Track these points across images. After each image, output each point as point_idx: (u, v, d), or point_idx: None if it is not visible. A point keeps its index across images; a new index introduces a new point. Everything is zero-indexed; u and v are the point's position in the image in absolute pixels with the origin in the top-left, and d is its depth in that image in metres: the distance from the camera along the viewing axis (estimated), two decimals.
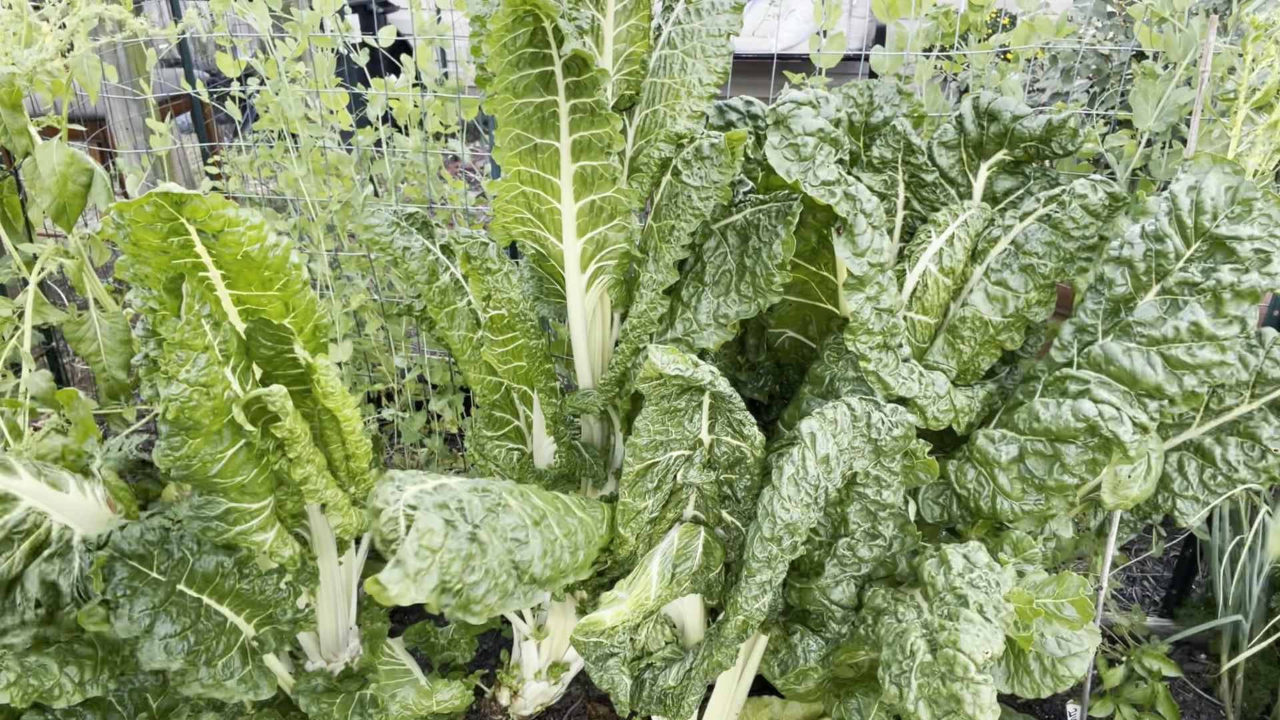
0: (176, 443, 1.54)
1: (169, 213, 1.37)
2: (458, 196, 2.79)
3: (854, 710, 1.81)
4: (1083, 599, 1.63)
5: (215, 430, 1.57)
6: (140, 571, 1.63)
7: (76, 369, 3.48)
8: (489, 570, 1.53)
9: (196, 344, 1.48)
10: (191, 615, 1.68)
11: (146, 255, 1.43)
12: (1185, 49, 1.96)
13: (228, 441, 1.60)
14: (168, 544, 1.68)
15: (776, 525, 1.63)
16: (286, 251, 1.54)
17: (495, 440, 2.17)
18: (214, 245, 1.45)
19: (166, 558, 1.67)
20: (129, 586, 1.60)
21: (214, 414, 1.54)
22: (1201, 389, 1.61)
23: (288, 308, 1.62)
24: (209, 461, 1.58)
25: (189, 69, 2.69)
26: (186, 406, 1.49)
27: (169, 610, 1.64)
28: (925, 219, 2.03)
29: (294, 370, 1.66)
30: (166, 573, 1.66)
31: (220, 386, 1.54)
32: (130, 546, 1.64)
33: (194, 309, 1.47)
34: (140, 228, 1.37)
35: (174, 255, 1.44)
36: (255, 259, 1.49)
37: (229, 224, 1.43)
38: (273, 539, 1.78)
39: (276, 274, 1.55)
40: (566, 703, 2.41)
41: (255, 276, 1.53)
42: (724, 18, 1.95)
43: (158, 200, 1.35)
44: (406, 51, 2.64)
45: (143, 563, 1.64)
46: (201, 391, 1.50)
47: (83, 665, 1.64)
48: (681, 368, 1.61)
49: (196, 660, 1.66)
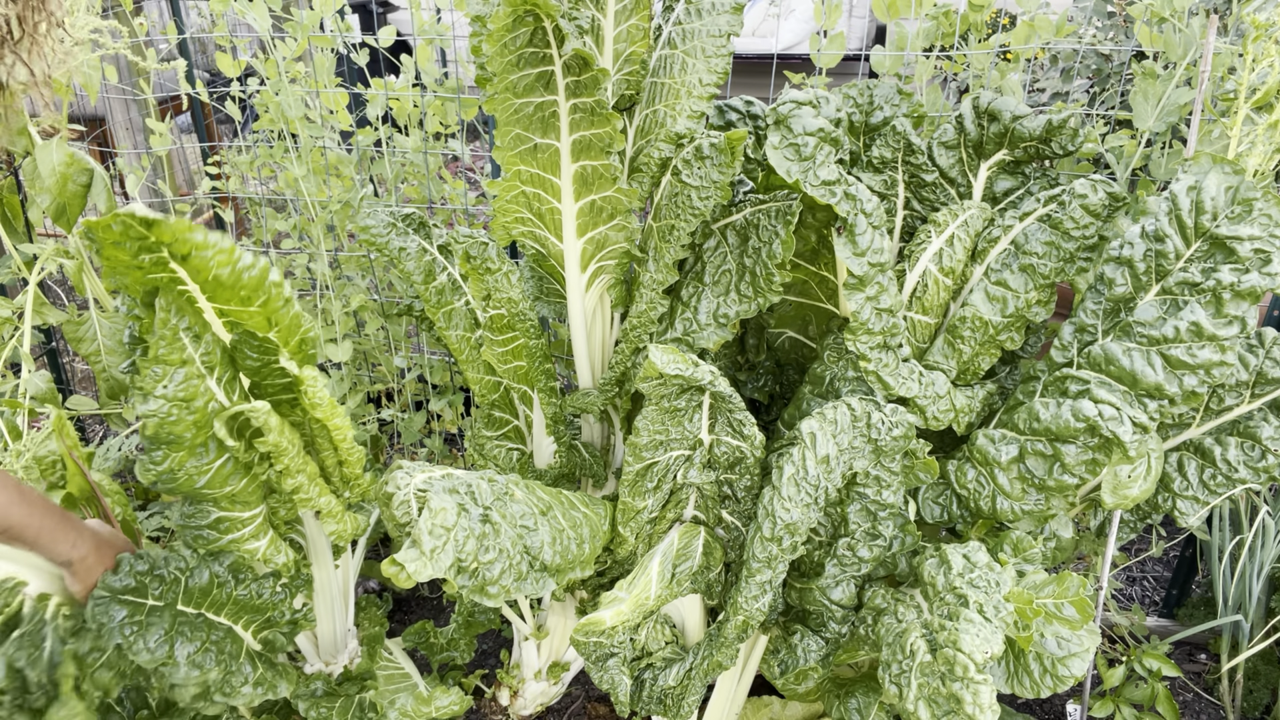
0: (159, 457, 1.51)
1: (139, 232, 1.34)
2: (458, 196, 2.79)
3: (854, 710, 1.81)
4: (1083, 599, 1.63)
5: (199, 443, 1.54)
6: (138, 604, 1.59)
7: (76, 369, 3.48)
8: (503, 550, 1.55)
9: (173, 359, 1.45)
10: (202, 630, 1.65)
11: (121, 270, 1.41)
12: (1185, 49, 1.96)
13: (213, 454, 1.57)
14: (157, 569, 1.64)
15: (777, 525, 1.63)
16: (264, 272, 1.50)
17: (495, 440, 2.17)
18: (185, 265, 1.42)
19: (159, 582, 1.63)
20: (133, 623, 1.56)
21: (196, 427, 1.51)
22: (1201, 389, 1.61)
23: (270, 323, 1.58)
24: (195, 474, 1.55)
25: (189, 69, 2.69)
26: (166, 422, 1.46)
27: (182, 631, 1.62)
28: (925, 219, 2.03)
29: (283, 379, 1.64)
30: (162, 596, 1.62)
31: (202, 399, 1.51)
32: (119, 581, 1.60)
33: (169, 323, 1.43)
34: (110, 246, 1.35)
35: (149, 270, 1.41)
36: (226, 282, 1.46)
37: (196, 248, 1.39)
38: (265, 546, 1.77)
39: (255, 292, 1.51)
40: (566, 703, 2.41)
41: (232, 295, 1.51)
42: (724, 18, 1.95)
43: (125, 221, 1.32)
44: (406, 51, 2.64)
45: (137, 594, 1.60)
46: (180, 406, 1.47)
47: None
48: (681, 367, 1.61)
49: (227, 668, 1.64)
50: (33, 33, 1.47)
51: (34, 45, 1.49)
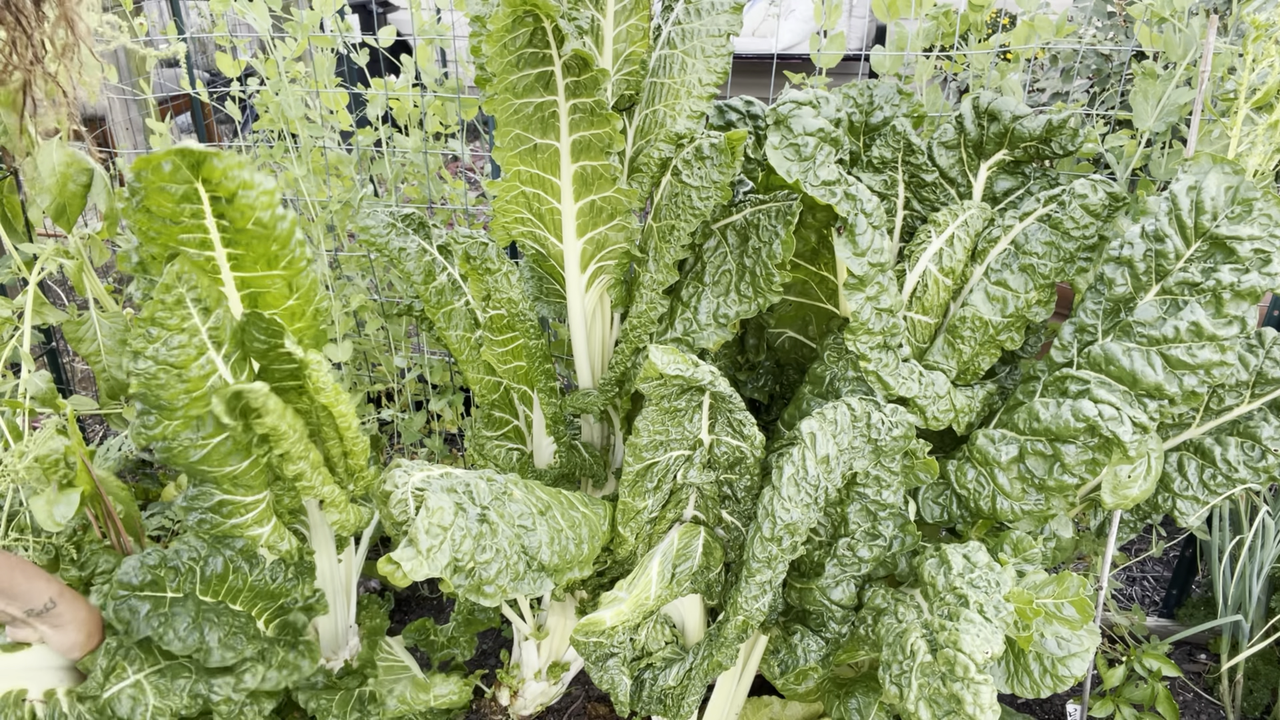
0: (150, 421, 1.52)
1: (186, 175, 1.35)
2: (458, 196, 2.79)
3: (854, 710, 1.81)
4: (1083, 599, 1.63)
5: (195, 416, 1.55)
6: (159, 598, 1.61)
7: (76, 369, 3.48)
8: (500, 550, 1.55)
9: (171, 324, 1.45)
10: (226, 615, 1.67)
11: (157, 228, 1.41)
12: (1185, 49, 1.96)
13: (210, 429, 1.57)
14: (170, 561, 1.66)
15: (777, 525, 1.63)
16: (293, 225, 1.52)
17: (495, 440, 2.17)
18: (227, 211, 1.42)
19: (174, 574, 1.65)
20: (158, 615, 1.59)
21: (189, 396, 1.52)
22: (1201, 389, 1.61)
23: (291, 288, 1.59)
24: (190, 446, 1.56)
25: (189, 69, 2.69)
26: (152, 384, 1.46)
27: (209, 617, 1.63)
28: (925, 219, 2.03)
29: (289, 364, 1.65)
30: (180, 587, 1.65)
31: (199, 370, 1.51)
32: (137, 578, 1.61)
33: (173, 289, 1.43)
34: (155, 189, 1.35)
35: (184, 228, 1.41)
36: (267, 226, 1.46)
37: (244, 186, 1.39)
38: (269, 533, 1.78)
39: (283, 248, 1.51)
40: (566, 703, 2.41)
41: (263, 250, 1.50)
42: (724, 18, 1.95)
43: (175, 159, 1.33)
44: (406, 51, 2.64)
45: (156, 587, 1.62)
46: (169, 371, 1.47)
47: None
48: (682, 368, 1.61)
49: (259, 647, 1.67)
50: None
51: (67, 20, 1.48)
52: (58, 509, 1.79)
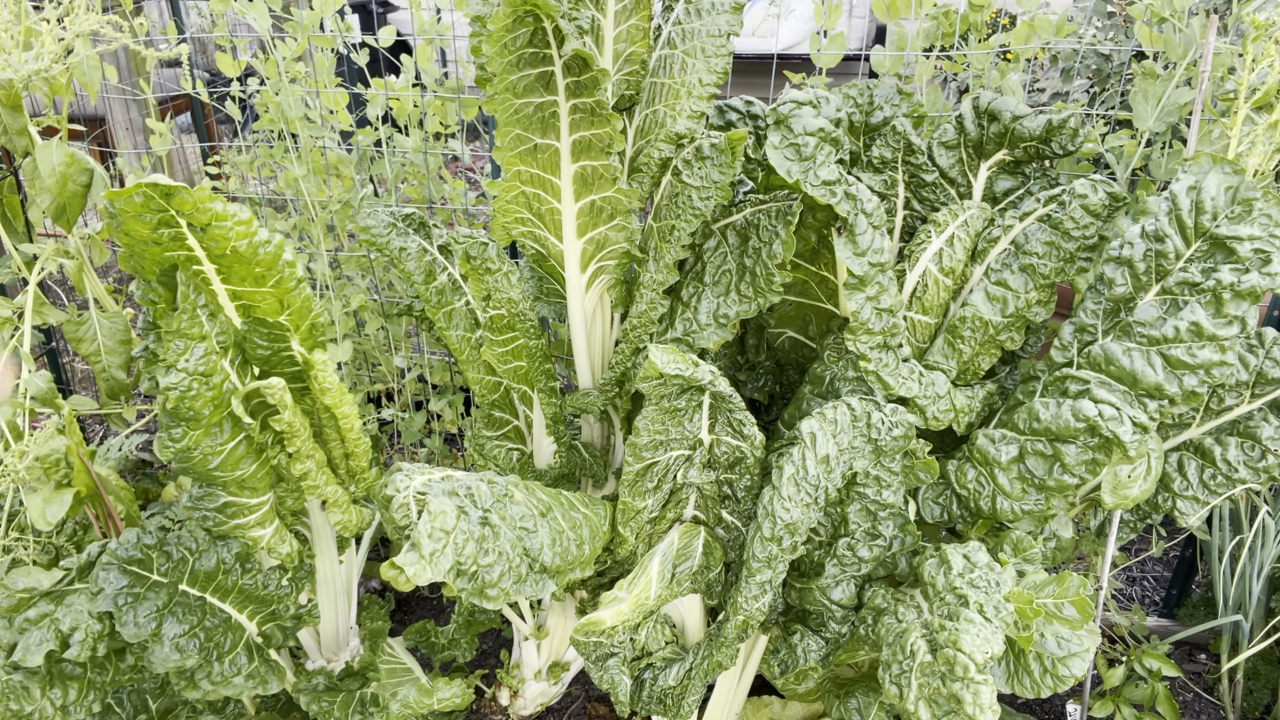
0: (178, 434, 1.54)
1: (159, 204, 1.36)
2: (458, 196, 2.79)
3: (854, 710, 1.81)
4: (1083, 599, 1.63)
5: (215, 422, 1.57)
6: (141, 576, 1.61)
7: (76, 369, 3.48)
8: (502, 553, 1.55)
9: (194, 333, 1.48)
10: (196, 614, 1.67)
11: (139, 247, 1.43)
12: (1185, 49, 1.96)
13: (227, 434, 1.60)
14: (166, 545, 1.67)
15: (777, 525, 1.63)
16: (279, 249, 1.53)
17: (495, 440, 2.18)
18: (203, 239, 1.45)
19: (166, 559, 1.66)
20: (129, 593, 1.58)
21: (214, 405, 1.54)
22: (1201, 389, 1.61)
23: (282, 305, 1.61)
24: (209, 454, 1.58)
25: (190, 69, 2.69)
26: (186, 396, 1.48)
27: (175, 611, 1.63)
28: (925, 219, 2.03)
29: (291, 369, 1.66)
30: (168, 574, 1.65)
31: (219, 376, 1.54)
32: (127, 553, 1.62)
33: (189, 298, 1.46)
34: (130, 218, 1.37)
35: (166, 247, 1.43)
36: (244, 255, 1.48)
37: (216, 218, 1.42)
38: (271, 534, 1.79)
39: (269, 270, 1.54)
40: (566, 703, 2.41)
41: (247, 272, 1.52)
42: (724, 18, 1.95)
43: (147, 190, 1.34)
44: (406, 51, 2.64)
45: (142, 566, 1.62)
46: (201, 380, 1.50)
47: (66, 687, 1.59)
48: (682, 367, 1.61)
49: (209, 657, 1.65)
50: None
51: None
52: (50, 509, 1.80)
